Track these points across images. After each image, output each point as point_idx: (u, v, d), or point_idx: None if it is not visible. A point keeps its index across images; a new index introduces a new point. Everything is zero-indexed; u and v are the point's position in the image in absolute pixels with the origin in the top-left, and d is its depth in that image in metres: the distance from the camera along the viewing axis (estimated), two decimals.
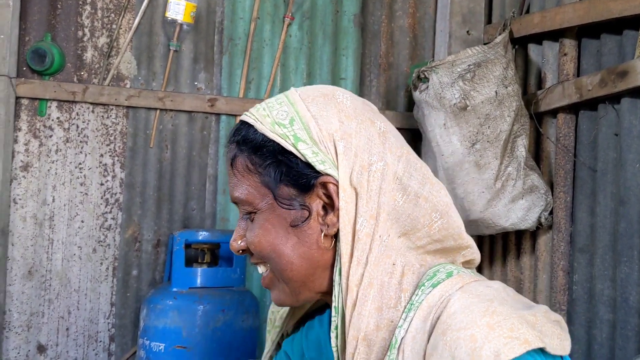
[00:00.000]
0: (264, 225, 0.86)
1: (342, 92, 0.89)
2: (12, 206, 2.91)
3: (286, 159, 0.84)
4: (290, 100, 0.87)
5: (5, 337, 2.92)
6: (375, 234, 0.81)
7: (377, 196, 0.82)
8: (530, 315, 0.73)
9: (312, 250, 0.85)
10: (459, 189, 2.56)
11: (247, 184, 0.87)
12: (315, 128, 0.84)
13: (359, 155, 0.83)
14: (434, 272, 0.83)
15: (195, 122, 3.09)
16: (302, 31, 3.17)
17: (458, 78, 2.52)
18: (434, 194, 0.85)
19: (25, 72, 2.93)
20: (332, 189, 0.82)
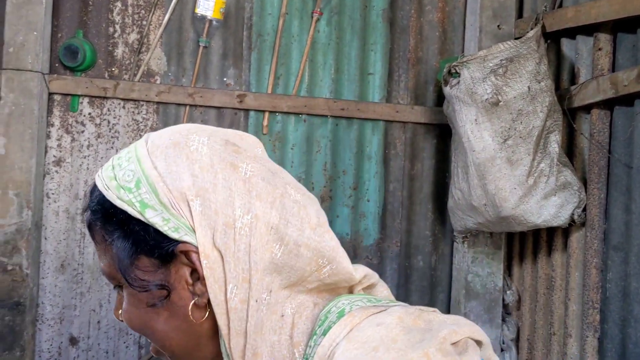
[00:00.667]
0: (130, 300, 0.78)
1: (199, 136, 0.77)
2: (45, 200, 2.96)
3: (137, 228, 0.74)
4: (137, 155, 0.76)
5: (38, 330, 2.97)
6: (250, 299, 0.72)
7: (247, 255, 0.72)
8: (421, 356, 0.66)
9: (187, 322, 0.75)
10: (490, 185, 2.54)
11: (107, 256, 0.78)
12: (164, 189, 0.73)
13: (220, 213, 0.72)
14: (326, 314, 0.75)
15: (224, 118, 3.11)
16: (331, 26, 3.17)
17: (490, 73, 2.50)
18: (317, 239, 0.75)
19: (57, 68, 2.97)
20: (193, 257, 0.72)
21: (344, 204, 3.17)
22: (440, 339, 0.68)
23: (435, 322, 0.72)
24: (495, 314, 3.05)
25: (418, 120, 3.18)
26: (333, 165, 3.17)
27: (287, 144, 3.14)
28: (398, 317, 0.72)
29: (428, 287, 3.23)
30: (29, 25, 2.79)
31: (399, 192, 3.21)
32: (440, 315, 0.75)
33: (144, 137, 0.80)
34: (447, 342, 0.68)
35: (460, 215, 2.80)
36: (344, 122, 3.17)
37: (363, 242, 3.18)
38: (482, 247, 3.01)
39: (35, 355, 2.96)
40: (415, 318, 0.72)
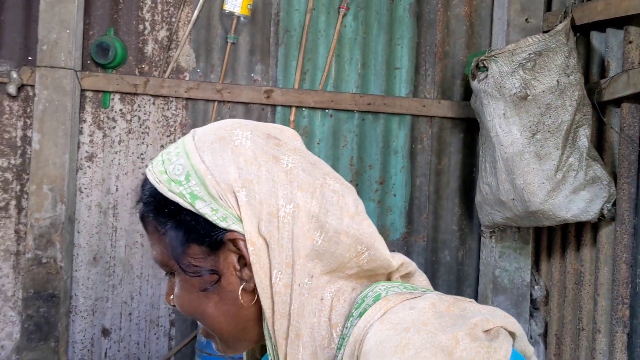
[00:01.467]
0: (183, 286, 0.82)
1: (242, 130, 0.81)
2: (78, 195, 3.03)
3: (188, 219, 0.78)
4: (186, 150, 0.80)
5: (71, 321, 3.05)
6: (293, 283, 0.76)
7: (290, 242, 0.76)
8: (450, 339, 0.68)
9: (236, 306, 0.80)
10: (518, 179, 2.53)
11: (160, 245, 0.82)
12: (212, 182, 0.77)
13: (264, 203, 0.76)
14: (363, 297, 0.78)
15: (252, 113, 3.14)
16: (357, 21, 3.18)
17: (518, 67, 2.49)
18: (355, 227, 0.79)
19: (89, 65, 3.03)
20: (240, 244, 0.77)
21: (370, 199, 3.18)
22: (472, 324, 0.70)
23: (470, 310, 0.74)
24: (522, 309, 3.04)
25: (445, 115, 3.18)
26: (359, 160, 3.18)
27: (314, 139, 3.16)
28: (431, 303, 0.74)
29: (455, 282, 3.23)
30: (62, 24, 2.85)
31: (425, 186, 3.22)
32: (475, 305, 0.77)
33: (191, 133, 0.83)
34: (478, 328, 0.70)
35: (488, 209, 2.79)
36: (370, 116, 3.18)
37: (389, 237, 3.19)
38: (510, 242, 3.00)
39: (69, 346, 3.04)
40: (449, 305, 0.74)
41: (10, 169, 3.01)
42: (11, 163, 3.01)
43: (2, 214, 3.01)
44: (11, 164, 3.01)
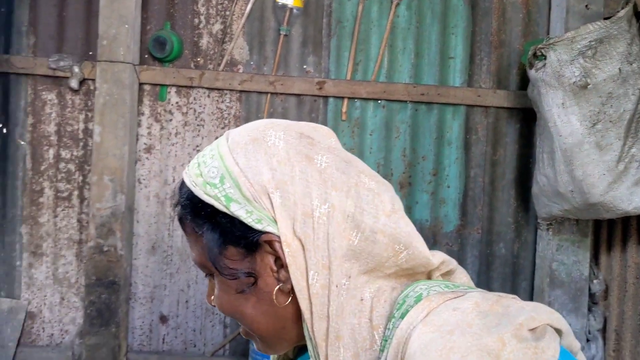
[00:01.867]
0: (221, 287, 0.82)
1: (275, 130, 0.80)
2: (137, 186, 3.12)
3: (224, 221, 0.78)
4: (220, 153, 0.80)
5: (131, 307, 3.15)
6: (331, 284, 0.75)
7: (326, 243, 0.76)
8: (496, 341, 0.67)
9: (274, 307, 0.80)
10: (577, 170, 2.46)
11: (198, 247, 0.82)
12: (246, 184, 0.77)
13: (299, 203, 0.76)
14: (404, 298, 0.77)
15: (304, 105, 3.16)
16: (410, 11, 3.14)
17: (578, 55, 2.41)
18: (392, 226, 0.77)
19: (147, 59, 3.11)
20: (276, 246, 0.76)
21: (423, 190, 3.16)
22: (517, 324, 0.68)
23: (514, 308, 0.72)
24: (580, 304, 2.96)
25: (501, 105, 3.12)
26: (412, 151, 3.16)
27: (366, 130, 3.15)
28: (475, 302, 0.72)
29: (510, 275, 3.18)
30: (121, 19, 2.93)
31: (480, 178, 3.17)
32: (519, 302, 0.75)
33: (225, 135, 0.83)
34: (524, 328, 0.68)
35: (545, 201, 2.73)
36: (423, 107, 3.15)
37: (443, 229, 3.16)
38: (568, 235, 2.92)
39: (129, 332, 3.15)
40: (492, 304, 0.72)
41: (73, 160, 3.13)
42: (74, 155, 3.12)
43: (65, 204, 3.13)
44: (74, 155, 3.12)
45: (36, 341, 3.16)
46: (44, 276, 3.14)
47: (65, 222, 3.13)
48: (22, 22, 3.11)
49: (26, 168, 3.12)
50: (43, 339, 3.16)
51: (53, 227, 3.13)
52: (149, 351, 3.16)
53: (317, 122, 3.11)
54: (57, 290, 3.14)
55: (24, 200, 3.12)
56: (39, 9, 3.11)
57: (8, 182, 3.13)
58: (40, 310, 3.15)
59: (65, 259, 3.14)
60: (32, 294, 3.14)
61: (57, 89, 3.12)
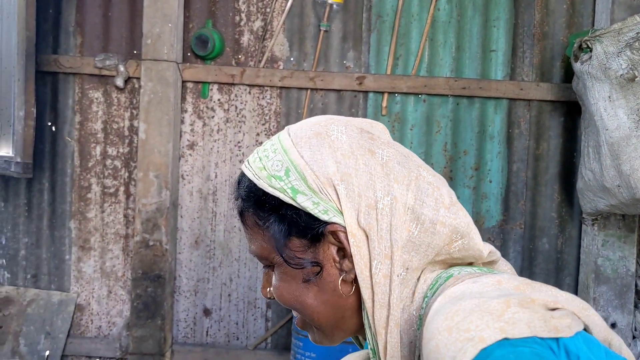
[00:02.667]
0: (282, 277, 0.84)
1: (337, 125, 0.83)
2: (181, 181, 3.18)
3: (289, 213, 0.80)
4: (283, 146, 0.82)
5: (176, 300, 3.22)
6: (392, 274, 0.77)
7: (389, 234, 0.78)
8: (501, 303, 0.67)
9: (335, 297, 0.82)
10: (624, 165, 2.41)
11: (260, 239, 0.84)
12: (312, 176, 0.79)
13: (363, 195, 0.78)
14: (437, 278, 0.80)
15: (344, 100, 3.16)
16: (451, 4, 3.12)
17: (625, 47, 2.36)
18: (452, 216, 0.80)
19: (189, 57, 3.16)
20: (341, 236, 0.79)
21: (464, 185, 3.14)
22: (529, 298, 0.69)
23: (539, 292, 0.72)
24: (627, 300, 2.91)
25: (544, 98, 3.07)
26: (454, 146, 3.14)
27: (407, 125, 3.14)
28: (497, 280, 0.74)
29: (554, 271, 3.13)
30: (164, 18, 2.99)
31: (523, 172, 3.13)
32: (555, 290, 0.75)
33: (286, 130, 0.85)
34: (536, 302, 0.68)
35: (591, 196, 2.68)
36: (465, 101, 3.12)
37: (485, 224, 3.14)
38: (614, 230, 2.87)
39: (174, 324, 3.22)
40: (519, 284, 0.73)
41: (119, 157, 3.21)
42: (120, 152, 3.20)
43: (112, 200, 3.21)
44: (120, 152, 3.20)
45: (85, 333, 3.26)
46: (92, 270, 3.23)
47: (112, 217, 3.21)
48: (69, 23, 3.20)
49: (74, 165, 3.22)
50: (91, 331, 3.26)
51: (100, 222, 3.22)
52: (193, 343, 3.23)
53: (358, 117, 3.13)
54: (105, 283, 3.24)
55: (72, 196, 3.22)
56: (85, 9, 3.19)
57: (57, 178, 3.23)
58: (88, 302, 3.25)
59: (112, 253, 3.23)
60: (81, 287, 3.24)
61: (103, 88, 3.20)
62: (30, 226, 3.24)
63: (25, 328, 3.18)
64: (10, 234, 3.25)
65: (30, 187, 3.23)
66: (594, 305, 2.91)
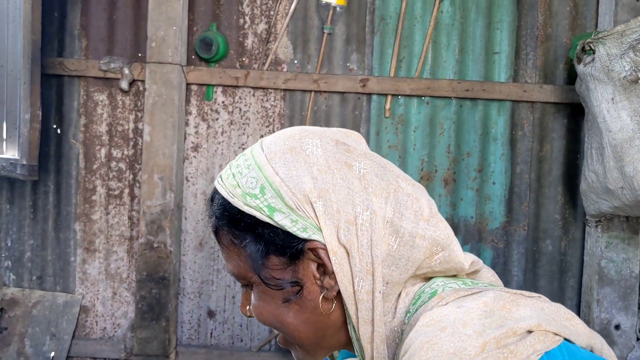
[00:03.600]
0: (261, 297, 0.82)
1: (311, 139, 0.80)
2: (185, 183, 3.19)
3: (266, 231, 0.78)
4: (257, 163, 0.79)
5: (180, 302, 3.23)
6: (375, 290, 0.76)
7: (369, 250, 0.76)
8: (477, 347, 0.66)
9: (316, 315, 0.80)
10: (627, 167, 2.42)
11: (236, 258, 0.82)
12: (288, 193, 0.76)
13: (342, 211, 0.76)
14: (420, 293, 0.78)
15: (348, 102, 3.17)
16: (454, 6, 3.13)
17: (628, 49, 2.37)
18: (431, 229, 0.78)
19: (193, 60, 3.18)
20: (321, 253, 0.77)
21: (468, 187, 3.14)
22: (511, 328, 0.67)
23: (524, 311, 0.71)
24: (630, 302, 2.91)
25: (547, 100, 3.07)
26: (457, 147, 3.14)
27: (410, 127, 3.15)
28: (483, 302, 0.72)
29: (557, 273, 3.14)
30: (169, 21, 3.00)
31: (526, 174, 3.13)
32: (541, 303, 0.74)
33: (259, 144, 0.83)
34: (517, 332, 0.67)
35: (594, 198, 2.69)
36: (468, 103, 3.13)
37: (488, 226, 3.14)
38: (618, 232, 2.87)
39: (178, 326, 3.23)
40: (505, 303, 0.72)
41: (124, 159, 3.22)
42: (124, 154, 3.22)
43: (117, 202, 3.23)
44: (124, 154, 3.22)
45: (90, 334, 3.27)
46: (96, 271, 3.25)
47: (116, 219, 3.23)
48: (74, 26, 3.22)
49: (79, 167, 3.24)
50: (96, 332, 3.27)
51: (105, 224, 3.23)
52: (197, 345, 3.24)
53: (361, 120, 3.15)
54: (110, 285, 3.25)
55: (77, 198, 3.24)
56: (90, 13, 3.21)
57: (63, 180, 3.25)
58: (93, 304, 3.26)
59: (117, 255, 3.24)
60: (86, 289, 3.26)
61: (108, 90, 3.21)
62: (36, 228, 3.26)
63: (30, 329, 3.20)
64: (15, 236, 3.27)
65: (35, 189, 3.25)
66: (597, 307, 2.91)
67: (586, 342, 0.74)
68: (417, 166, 3.15)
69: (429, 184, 3.14)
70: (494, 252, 3.15)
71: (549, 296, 3.06)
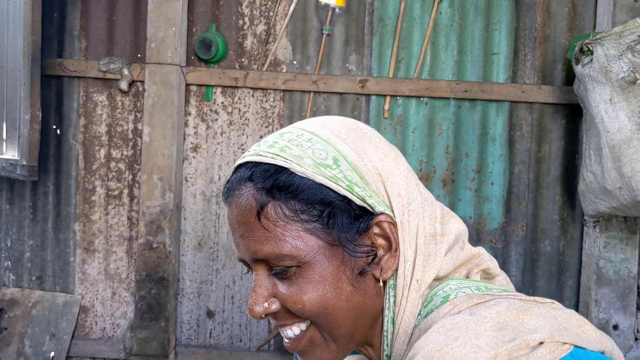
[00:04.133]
0: (312, 279, 0.75)
1: (364, 125, 0.82)
2: (184, 184, 3.20)
3: (339, 203, 0.75)
4: (321, 137, 0.77)
5: (179, 302, 3.24)
6: (413, 278, 0.77)
7: (415, 238, 0.77)
8: (490, 354, 0.65)
9: (367, 298, 0.77)
10: (625, 167, 2.42)
11: (288, 234, 0.75)
12: (364, 168, 0.76)
13: (402, 195, 0.78)
14: (432, 296, 0.77)
15: (347, 103, 3.18)
16: (453, 7, 3.13)
17: (627, 50, 2.38)
18: (448, 227, 0.81)
19: (193, 60, 3.19)
20: (388, 228, 0.76)
21: (466, 187, 3.15)
22: (523, 342, 0.66)
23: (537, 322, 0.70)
24: (629, 302, 2.91)
25: (545, 101, 3.08)
26: (455, 148, 3.15)
27: (408, 128, 3.16)
28: (497, 311, 0.70)
29: (556, 273, 3.14)
30: (168, 22, 3.01)
31: (525, 174, 3.14)
32: (554, 311, 0.73)
33: (311, 122, 0.81)
34: (529, 344, 0.66)
35: (592, 198, 2.70)
36: (467, 104, 3.14)
37: (487, 226, 3.15)
38: (616, 232, 2.88)
39: (177, 326, 3.23)
40: (518, 313, 0.70)
41: (123, 159, 3.23)
42: (124, 154, 3.23)
43: (116, 202, 3.24)
44: (124, 155, 3.23)
45: (89, 334, 3.28)
46: (96, 272, 3.26)
47: (116, 220, 3.24)
48: (74, 26, 3.23)
49: (79, 167, 3.24)
50: (96, 332, 3.28)
51: (104, 225, 3.24)
52: (197, 345, 3.24)
53: (360, 120, 3.14)
54: (109, 285, 3.26)
55: (77, 198, 3.24)
56: (90, 14, 3.22)
57: (62, 181, 3.25)
58: (93, 304, 3.27)
59: (116, 255, 3.25)
60: (86, 289, 3.26)
61: (107, 91, 3.22)
62: (35, 228, 3.27)
63: (30, 329, 3.21)
64: (15, 236, 3.28)
65: (35, 189, 3.26)
66: (595, 307, 2.92)
67: (597, 347, 0.74)
68: (415, 167, 3.16)
69: (428, 185, 3.15)
70: (492, 253, 3.16)
71: (548, 297, 3.07)
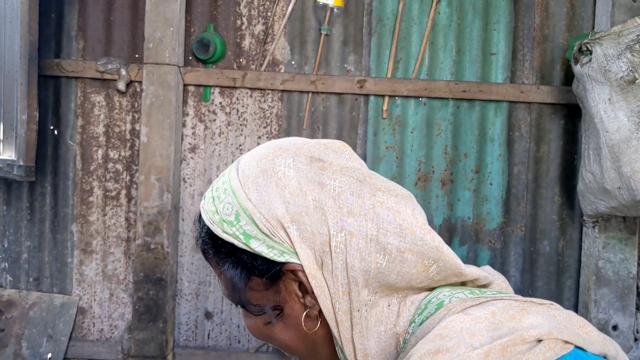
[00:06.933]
0: (248, 315, 0.84)
1: (284, 159, 0.78)
2: (182, 185, 3.19)
3: (245, 257, 0.78)
4: (232, 187, 0.79)
5: (177, 304, 3.22)
6: (352, 310, 0.76)
7: (345, 272, 0.75)
8: (480, 355, 0.65)
9: (301, 331, 0.81)
10: (624, 167, 2.42)
11: (224, 280, 0.83)
12: (262, 220, 0.76)
13: (316, 234, 0.75)
14: (426, 303, 0.77)
15: (345, 103, 3.17)
16: (452, 7, 3.13)
17: (625, 49, 2.37)
18: (419, 243, 0.76)
19: (191, 61, 3.18)
20: (300, 275, 0.76)
21: (465, 188, 3.14)
22: (518, 337, 0.66)
23: (534, 320, 0.70)
24: (628, 302, 2.91)
25: (544, 101, 3.08)
26: (454, 148, 3.14)
27: (407, 128, 3.15)
28: (492, 311, 0.71)
29: (555, 273, 3.14)
30: (166, 22, 3.00)
31: (523, 175, 3.14)
32: (552, 310, 0.73)
33: (235, 165, 0.83)
34: (525, 340, 0.66)
35: (591, 198, 2.69)
36: (465, 104, 3.13)
37: (485, 227, 3.14)
38: (615, 232, 2.87)
39: (175, 327, 3.22)
40: (515, 313, 0.70)
41: (121, 160, 3.22)
42: (121, 155, 3.22)
43: (114, 203, 3.22)
44: (121, 155, 3.22)
45: (87, 336, 3.26)
46: (94, 273, 3.24)
47: (113, 221, 3.22)
48: (72, 27, 3.22)
49: (76, 168, 3.23)
50: (93, 334, 3.26)
51: (102, 226, 3.23)
52: (195, 346, 3.23)
53: (358, 121, 3.15)
54: (107, 286, 3.24)
55: (74, 199, 3.23)
56: (88, 14, 3.21)
57: (60, 182, 3.24)
58: (90, 305, 3.25)
59: (114, 256, 3.23)
60: (83, 290, 3.25)
61: (105, 91, 3.21)
62: (33, 229, 3.25)
63: (27, 331, 3.19)
64: (12, 238, 3.26)
65: (32, 190, 3.24)
66: (595, 307, 2.91)
67: (599, 349, 0.73)
68: (414, 167, 3.15)
69: (426, 185, 3.14)
70: (491, 253, 3.15)
71: (547, 297, 3.06)
